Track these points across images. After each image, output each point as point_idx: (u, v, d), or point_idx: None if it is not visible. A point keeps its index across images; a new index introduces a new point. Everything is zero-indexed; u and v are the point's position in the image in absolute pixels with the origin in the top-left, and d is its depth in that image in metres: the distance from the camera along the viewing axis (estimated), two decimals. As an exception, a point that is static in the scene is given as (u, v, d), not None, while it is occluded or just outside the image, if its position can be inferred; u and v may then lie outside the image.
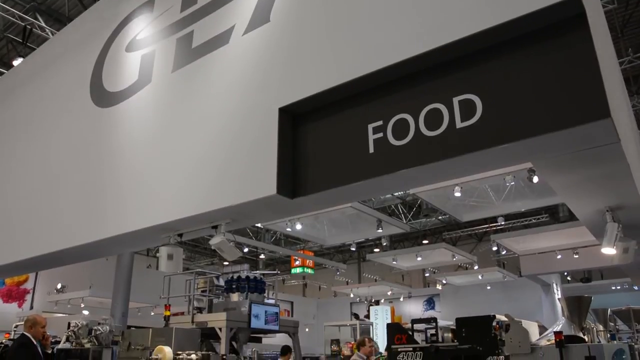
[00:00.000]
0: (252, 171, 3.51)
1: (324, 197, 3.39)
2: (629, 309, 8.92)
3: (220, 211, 3.76)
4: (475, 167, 3.44)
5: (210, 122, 3.99)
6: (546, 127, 2.52)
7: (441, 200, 13.72)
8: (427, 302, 24.40)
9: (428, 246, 20.91)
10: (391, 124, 3.01)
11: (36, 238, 5.36)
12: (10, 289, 17.79)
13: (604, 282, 21.27)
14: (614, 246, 4.61)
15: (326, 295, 28.39)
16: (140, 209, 4.35)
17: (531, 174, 10.68)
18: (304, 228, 15.43)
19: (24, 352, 6.04)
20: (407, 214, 21.09)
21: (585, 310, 4.89)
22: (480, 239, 25.07)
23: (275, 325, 12.51)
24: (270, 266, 28.98)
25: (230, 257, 4.20)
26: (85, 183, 4.99)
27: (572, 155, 3.45)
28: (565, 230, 14.02)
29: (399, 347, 4.14)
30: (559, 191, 4.58)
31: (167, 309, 10.21)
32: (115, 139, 4.85)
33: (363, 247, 26.26)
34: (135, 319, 16.37)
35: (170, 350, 5.81)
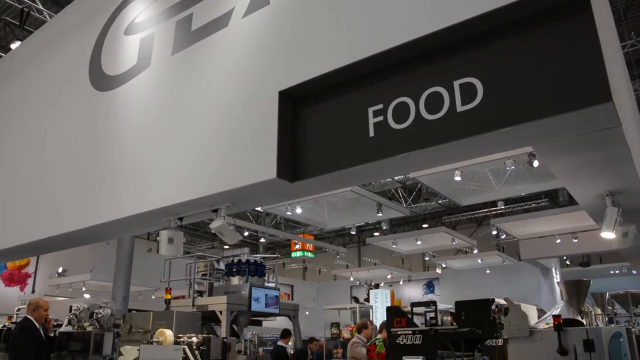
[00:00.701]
0: (252, 155, 3.51)
1: (324, 180, 3.39)
2: (627, 293, 8.99)
3: (221, 195, 3.76)
4: (476, 151, 3.43)
5: (209, 106, 3.97)
6: (547, 110, 2.50)
7: (441, 184, 13.71)
8: (427, 286, 24.52)
9: (428, 230, 20.96)
10: (391, 107, 3.00)
11: (36, 222, 5.37)
12: (12, 272, 17.87)
13: (603, 267, 21.36)
14: (613, 230, 4.61)
15: (326, 279, 28.54)
16: (140, 193, 4.35)
17: (531, 158, 10.66)
18: (304, 212, 15.44)
19: (27, 334, 6.09)
20: (407, 198, 21.11)
21: (583, 294, 4.92)
22: (480, 223, 25.12)
23: (276, 309, 12.59)
24: (271, 250, 29.09)
25: (230, 241, 4.22)
26: (85, 167, 4.99)
27: (573, 139, 3.44)
28: (565, 215, 14.04)
29: (398, 330, 4.16)
30: (559, 175, 4.58)
31: (167, 292, 10.27)
32: (115, 122, 4.84)
33: (363, 231, 26.33)
34: (137, 303, 16.47)
35: (171, 333, 5.84)
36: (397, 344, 4.16)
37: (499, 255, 19.61)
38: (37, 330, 6.06)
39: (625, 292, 9.14)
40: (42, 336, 6.14)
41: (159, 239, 4.57)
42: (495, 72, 2.71)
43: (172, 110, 4.32)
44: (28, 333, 6.10)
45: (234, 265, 12.37)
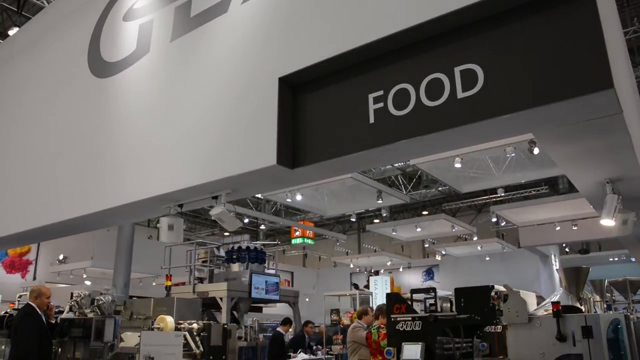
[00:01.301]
0: (252, 141, 3.50)
1: (324, 167, 3.39)
2: (626, 280, 9.02)
3: (221, 182, 3.76)
4: (476, 138, 3.42)
5: (209, 93, 3.96)
6: (548, 97, 2.49)
7: (441, 171, 13.71)
8: (426, 273, 24.61)
9: (428, 217, 20.97)
10: (392, 93, 2.99)
11: (36, 209, 5.38)
12: (13, 260, 17.93)
13: (602, 254, 21.43)
14: (613, 218, 4.62)
15: (326, 266, 28.63)
16: (140, 180, 4.35)
17: (532, 145, 10.65)
18: (304, 199, 15.44)
19: (29, 321, 6.12)
20: (407, 185, 21.12)
21: (582, 281, 4.94)
22: (479, 210, 25.15)
23: (276, 295, 12.64)
24: (271, 237, 29.16)
25: (230, 228, 4.22)
26: (84, 154, 4.98)
27: (574, 126, 3.43)
28: (565, 202, 14.06)
29: (398, 317, 4.18)
30: (560, 162, 4.58)
31: (168, 279, 10.32)
32: (114, 109, 4.82)
33: (363, 218, 26.38)
34: (137, 289, 16.54)
35: (172, 320, 5.87)
36: (396, 330, 4.18)
37: (499, 242, 19.66)
38: (39, 317, 6.09)
39: (624, 280, 9.17)
40: (44, 323, 6.17)
41: (159, 226, 4.58)
42: (496, 58, 2.70)
43: (172, 97, 4.30)
44: (31, 319, 6.14)
45: (234, 252, 12.41)
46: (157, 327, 5.77)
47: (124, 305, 8.62)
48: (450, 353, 4.26)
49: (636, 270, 17.13)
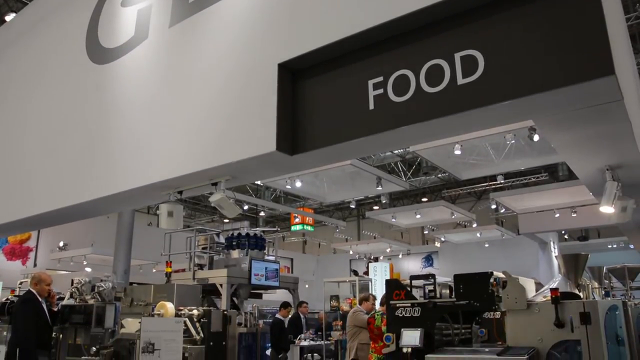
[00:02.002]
0: (252, 128, 3.49)
1: (324, 153, 3.38)
2: (624, 267, 9.04)
3: (220, 168, 3.76)
4: (476, 124, 3.41)
5: (208, 78, 3.94)
6: (549, 83, 2.48)
7: (441, 158, 13.69)
8: (426, 259, 24.69)
9: (427, 204, 21.02)
10: (392, 80, 2.98)
11: (36, 196, 5.38)
12: (13, 247, 17.97)
13: (601, 241, 21.49)
14: (612, 205, 4.63)
15: (326, 252, 28.71)
16: (140, 167, 4.34)
17: (532, 132, 10.64)
18: (304, 185, 15.44)
19: (28, 307, 6.14)
20: (407, 172, 21.11)
21: (581, 268, 4.95)
22: (479, 197, 25.17)
23: (276, 282, 12.70)
24: (270, 223, 29.21)
25: (230, 214, 4.22)
26: (84, 141, 4.97)
27: (574, 113, 3.43)
28: (564, 189, 14.07)
29: (397, 303, 4.20)
30: (560, 149, 4.57)
31: (168, 265, 10.36)
32: (113, 96, 4.80)
33: (362, 205, 26.40)
34: (137, 276, 16.59)
35: (172, 306, 5.89)
36: (396, 316, 4.20)
37: (498, 229, 19.70)
38: (39, 304, 6.09)
39: (622, 266, 9.19)
40: (44, 309, 6.17)
41: (158, 212, 4.58)
42: (496, 44, 2.68)
43: (171, 83, 4.29)
44: (29, 305, 6.15)
45: (234, 238, 12.44)
46: (157, 313, 5.79)
47: (125, 291, 8.65)
48: (449, 339, 4.29)
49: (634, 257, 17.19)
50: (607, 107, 2.93)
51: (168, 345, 5.19)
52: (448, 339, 4.28)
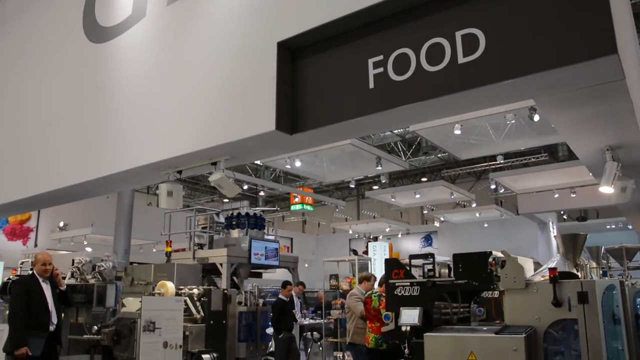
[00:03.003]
0: (251, 107, 3.47)
1: (323, 133, 3.37)
2: (622, 248, 9.08)
3: (219, 147, 3.75)
4: (477, 104, 3.39)
5: (207, 57, 3.91)
6: (551, 62, 2.46)
7: (441, 137, 13.65)
8: (425, 239, 24.79)
9: (427, 184, 21.00)
10: (392, 58, 2.95)
11: (35, 177, 5.37)
12: (14, 227, 18.02)
13: (600, 221, 21.53)
14: (612, 185, 4.63)
15: (325, 232, 28.81)
16: (139, 146, 4.33)
17: (532, 112, 10.58)
18: (304, 165, 15.41)
19: (20, 287, 6.08)
20: (407, 152, 21.07)
21: (580, 248, 4.97)
22: (478, 177, 25.17)
23: (275, 261, 12.76)
24: (270, 203, 29.25)
25: (229, 194, 4.22)
26: (82, 121, 4.95)
27: (575, 93, 3.41)
28: (564, 170, 14.05)
29: (396, 282, 4.22)
30: (560, 129, 4.56)
31: (168, 245, 10.39)
32: (111, 75, 4.77)
33: (362, 185, 26.41)
34: (138, 256, 16.66)
35: (172, 285, 5.93)
36: (395, 295, 4.22)
37: (497, 209, 19.73)
38: (36, 284, 6.03)
39: (621, 247, 9.23)
40: (42, 290, 6.04)
41: (158, 192, 4.59)
42: (498, 22, 2.65)
43: (169, 62, 4.25)
44: (21, 286, 6.12)
45: (233, 218, 12.47)
46: (158, 292, 5.84)
47: (125, 271, 8.70)
48: (448, 318, 4.32)
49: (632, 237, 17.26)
50: (608, 86, 2.91)
51: (169, 323, 5.23)
52: (447, 318, 4.31)
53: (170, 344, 5.23)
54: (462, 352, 3.51)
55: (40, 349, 5.79)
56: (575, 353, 3.71)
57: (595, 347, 3.53)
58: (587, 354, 3.53)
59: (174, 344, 5.27)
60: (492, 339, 3.50)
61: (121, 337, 5.99)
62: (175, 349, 5.28)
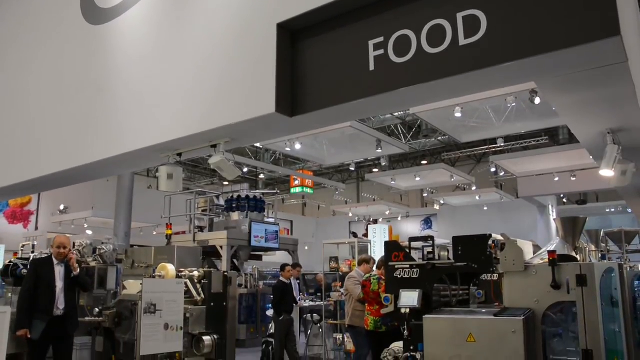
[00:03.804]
0: (251, 89, 3.46)
1: (323, 115, 3.36)
2: (622, 231, 9.10)
3: (219, 130, 3.74)
4: (478, 86, 3.38)
5: (207, 39, 3.88)
6: (553, 44, 2.44)
7: (441, 120, 13.61)
8: (425, 222, 24.84)
9: (427, 167, 20.98)
10: (392, 40, 2.93)
11: (35, 160, 5.36)
12: (14, 210, 18.05)
13: (599, 205, 21.55)
14: (612, 168, 4.62)
15: (325, 215, 28.85)
16: (139, 129, 4.32)
17: (533, 95, 10.54)
18: (304, 148, 15.39)
19: (30, 268, 6.16)
20: (407, 134, 21.03)
21: (579, 231, 4.97)
22: (479, 160, 25.15)
23: (275, 244, 12.82)
24: (270, 186, 29.27)
25: (229, 176, 4.22)
26: (82, 104, 4.93)
27: (577, 75, 3.39)
28: (564, 153, 14.03)
29: (396, 264, 4.23)
30: (561, 112, 4.54)
31: (168, 228, 10.41)
32: (111, 57, 4.74)
33: (362, 167, 26.39)
34: (138, 239, 16.71)
35: (173, 268, 5.94)
36: (394, 277, 4.24)
37: (497, 192, 19.74)
38: (48, 265, 5.97)
39: (620, 230, 9.25)
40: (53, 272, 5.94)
41: (158, 175, 4.58)
42: (499, 4, 2.63)
43: (169, 44, 4.22)
44: (34, 265, 6.17)
45: (233, 201, 12.50)
46: (158, 275, 5.85)
47: (126, 254, 8.73)
48: (447, 300, 4.34)
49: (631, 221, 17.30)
50: (611, 69, 2.89)
51: (169, 306, 5.26)
52: (446, 300, 4.33)
53: (171, 326, 5.26)
54: (461, 334, 3.53)
55: (39, 334, 5.71)
56: (573, 335, 3.74)
57: (593, 330, 3.55)
58: (585, 336, 3.55)
59: (175, 326, 5.30)
60: (491, 321, 3.52)
61: (122, 319, 6.02)
62: (176, 331, 5.31)
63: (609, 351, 3.60)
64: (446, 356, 3.55)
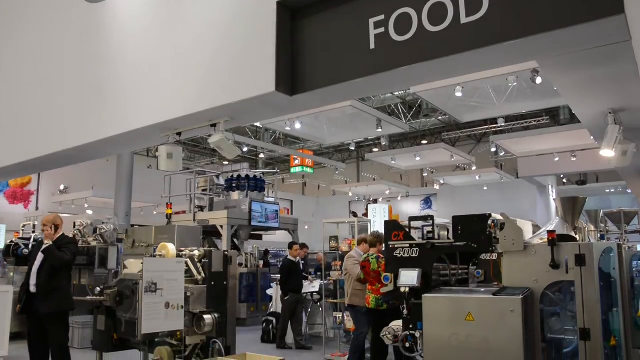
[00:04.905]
0: (251, 68, 3.43)
1: (323, 94, 3.34)
2: (621, 211, 9.12)
3: (219, 109, 3.72)
4: (479, 65, 3.35)
5: (207, 18, 3.84)
6: (556, 22, 2.42)
7: (442, 100, 13.55)
8: (425, 202, 24.88)
9: (427, 146, 20.94)
10: (393, 18, 2.90)
11: (36, 139, 5.35)
12: (15, 190, 18.06)
13: (599, 185, 21.57)
14: (613, 148, 4.60)
15: (325, 194, 28.89)
16: (138, 108, 4.30)
17: (534, 74, 10.46)
18: (304, 127, 15.34)
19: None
20: (407, 114, 20.96)
21: (579, 211, 4.98)
22: (479, 140, 25.10)
23: (275, 223, 12.85)
24: (270, 165, 29.26)
25: (229, 156, 4.21)
26: (81, 83, 4.90)
27: (579, 54, 3.35)
28: (564, 133, 13.99)
29: (396, 243, 4.24)
30: (563, 92, 4.51)
31: (168, 207, 10.44)
32: (109, 36, 4.70)
33: (362, 147, 26.37)
34: (139, 218, 16.77)
35: (173, 247, 5.96)
36: (394, 256, 4.25)
37: (497, 172, 19.73)
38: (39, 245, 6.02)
39: (619, 210, 9.27)
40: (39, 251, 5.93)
41: (158, 154, 4.57)
42: (503, -19, 2.59)
43: (168, 23, 4.18)
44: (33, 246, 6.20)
45: (233, 180, 12.49)
46: (159, 254, 5.87)
47: (126, 233, 8.77)
48: (446, 279, 4.36)
49: (631, 201, 17.33)
50: (614, 47, 2.86)
51: (170, 285, 5.28)
52: (445, 279, 4.35)
53: (172, 304, 5.30)
54: (460, 312, 3.55)
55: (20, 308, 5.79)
56: (571, 314, 3.76)
57: (591, 309, 3.57)
58: (583, 315, 3.58)
59: (176, 305, 5.33)
60: (489, 300, 3.54)
61: (123, 298, 6.06)
62: (177, 310, 5.35)
63: (607, 330, 3.64)
64: (445, 335, 3.58)
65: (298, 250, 9.28)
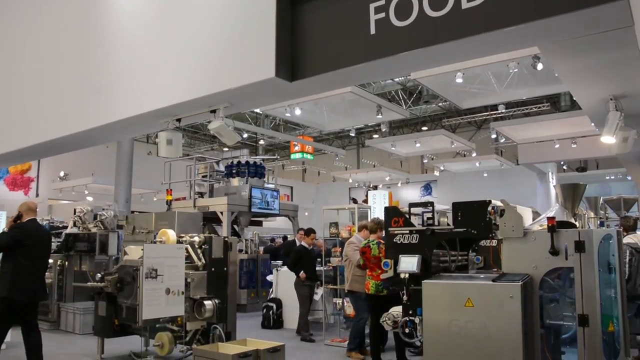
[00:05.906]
0: (250, 54, 3.41)
1: (324, 80, 3.33)
2: (620, 198, 9.14)
3: (219, 95, 3.71)
4: (481, 51, 3.33)
5: (207, 4, 3.81)
6: (559, 7, 2.40)
7: (442, 86, 13.48)
8: (425, 188, 24.89)
9: (427, 133, 20.90)
10: (394, 3, 2.88)
11: (35, 126, 5.34)
12: (15, 177, 18.06)
13: (599, 172, 21.54)
14: (614, 135, 4.60)
15: (325, 181, 28.90)
16: (138, 94, 4.28)
17: (535, 60, 10.40)
18: (304, 113, 15.29)
19: None
20: (407, 100, 20.89)
21: (579, 197, 4.98)
22: (479, 126, 25.05)
23: (275, 209, 12.87)
24: (270, 152, 29.23)
25: (229, 142, 4.20)
26: (81, 70, 4.88)
27: (581, 40, 3.33)
28: (565, 120, 13.95)
29: (396, 230, 4.25)
30: (564, 78, 4.49)
31: (168, 193, 10.44)
32: (108, 22, 4.66)
33: (362, 133, 26.32)
34: (139, 205, 16.78)
35: (173, 233, 5.97)
36: (394, 242, 4.26)
37: (497, 159, 19.71)
38: None
39: (619, 198, 9.29)
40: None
41: (158, 141, 4.56)
42: (505, -35, 2.56)
43: (168, 8, 4.15)
44: None
45: (233, 166, 12.48)
46: (159, 240, 5.89)
47: (126, 220, 8.77)
48: (446, 265, 4.37)
49: (631, 189, 17.32)
50: (616, 33, 2.84)
51: (170, 271, 5.30)
52: (445, 266, 4.36)
53: (173, 290, 5.32)
54: (460, 298, 3.57)
55: None
56: (570, 300, 3.78)
57: (590, 295, 3.59)
58: (582, 301, 3.59)
59: (176, 291, 5.36)
60: (489, 286, 3.56)
61: (124, 284, 6.09)
62: (178, 296, 5.37)
63: (605, 316, 3.65)
64: (444, 321, 3.60)
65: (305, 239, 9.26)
